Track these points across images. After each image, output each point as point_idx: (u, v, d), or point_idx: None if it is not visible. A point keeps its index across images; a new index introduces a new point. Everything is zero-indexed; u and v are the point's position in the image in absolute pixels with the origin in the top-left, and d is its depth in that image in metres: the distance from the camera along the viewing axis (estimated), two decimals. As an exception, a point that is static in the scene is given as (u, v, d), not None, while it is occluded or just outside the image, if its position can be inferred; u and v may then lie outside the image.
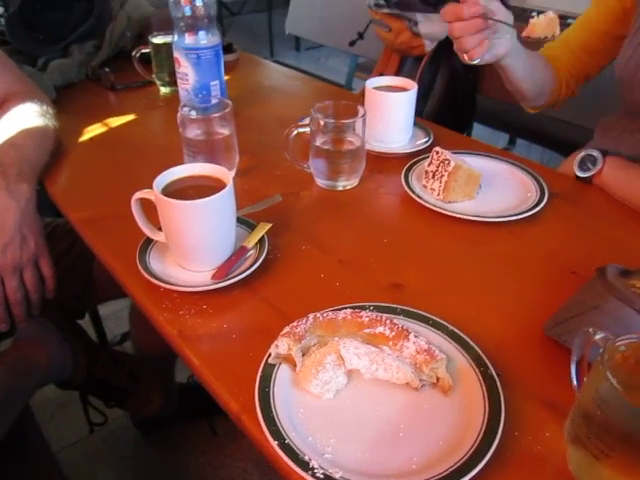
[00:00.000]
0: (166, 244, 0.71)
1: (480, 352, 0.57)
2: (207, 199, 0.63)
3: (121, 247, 0.76)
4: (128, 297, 1.30)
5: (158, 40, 1.27)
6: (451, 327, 0.60)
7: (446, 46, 1.54)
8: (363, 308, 0.62)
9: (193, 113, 0.92)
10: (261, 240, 0.73)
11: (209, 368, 0.58)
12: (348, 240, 0.79)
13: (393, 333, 0.56)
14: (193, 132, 0.90)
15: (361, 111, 0.86)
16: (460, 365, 0.56)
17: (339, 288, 0.69)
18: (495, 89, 1.61)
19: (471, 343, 0.58)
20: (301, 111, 1.15)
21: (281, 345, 0.55)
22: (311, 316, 0.57)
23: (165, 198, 0.63)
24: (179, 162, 1.02)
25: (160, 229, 0.72)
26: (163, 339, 0.68)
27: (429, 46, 1.50)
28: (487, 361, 0.56)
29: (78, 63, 1.35)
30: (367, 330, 0.57)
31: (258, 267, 0.69)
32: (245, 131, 1.11)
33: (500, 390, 0.53)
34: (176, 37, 1.06)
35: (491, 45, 0.87)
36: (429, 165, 0.87)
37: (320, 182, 0.91)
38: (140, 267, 0.68)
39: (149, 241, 0.73)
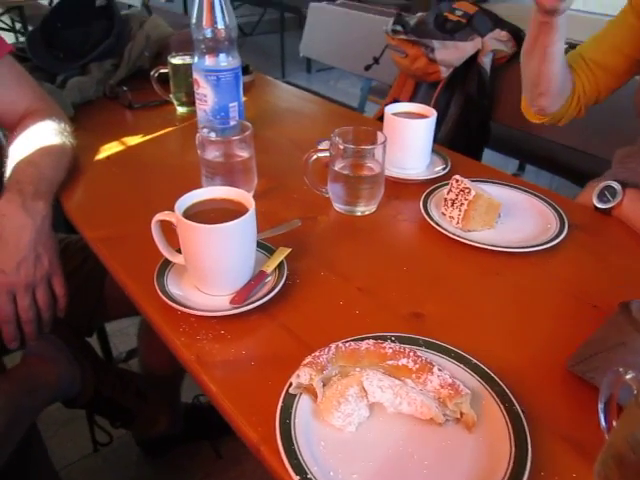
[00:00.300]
0: (184, 266, 0.71)
1: (505, 387, 0.56)
2: (230, 224, 0.62)
3: (137, 268, 0.76)
4: (139, 315, 1.30)
5: (177, 61, 1.28)
6: (474, 360, 0.59)
7: (461, 73, 1.55)
8: (385, 338, 0.61)
9: (212, 135, 0.92)
10: (280, 265, 0.72)
11: (227, 396, 0.57)
12: (367, 267, 0.78)
13: (417, 366, 0.55)
14: (212, 154, 0.90)
15: (382, 137, 0.86)
16: (484, 400, 0.55)
17: (359, 316, 0.68)
18: (508, 116, 1.62)
19: (495, 378, 0.57)
20: (318, 134, 1.16)
21: (303, 375, 0.54)
22: (333, 346, 0.56)
23: (187, 221, 0.63)
24: (195, 182, 1.03)
25: (178, 251, 0.72)
26: (171, 359, 0.67)
27: (445, 72, 1.51)
28: (512, 397, 0.55)
29: (96, 81, 1.36)
30: (390, 362, 0.56)
31: (277, 293, 0.68)
32: (262, 153, 1.11)
33: (526, 428, 0.52)
34: (196, 58, 1.07)
35: None
36: (448, 193, 0.87)
37: (338, 207, 0.90)
38: (158, 289, 0.68)
39: (167, 263, 0.73)
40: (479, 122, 1.60)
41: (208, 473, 1.53)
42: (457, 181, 0.85)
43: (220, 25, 1.02)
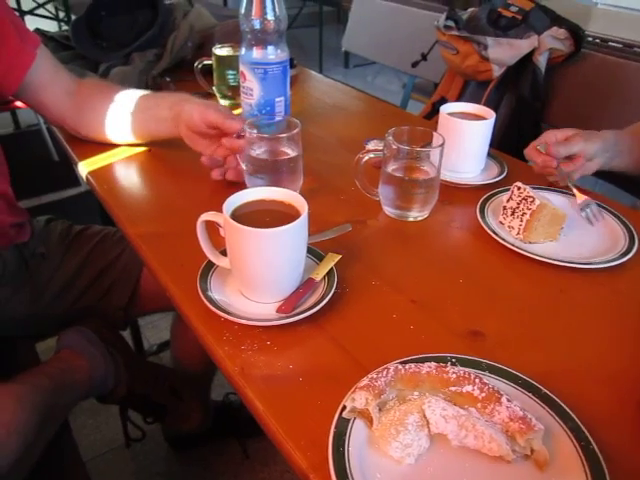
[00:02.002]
0: (229, 270, 0.67)
1: (579, 423, 0.51)
2: (282, 228, 0.58)
3: (179, 268, 0.72)
4: (174, 311, 1.27)
5: (221, 52, 1.25)
6: (544, 390, 0.54)
7: (514, 72, 1.48)
8: (444, 360, 0.56)
9: (254, 131, 0.88)
10: (330, 272, 0.68)
11: (274, 415, 0.53)
12: (420, 277, 0.73)
13: (483, 394, 0.50)
14: (258, 150, 0.86)
15: (439, 139, 0.81)
16: (556, 436, 0.50)
17: (413, 332, 0.64)
18: (562, 118, 1.54)
19: (568, 411, 0.52)
20: (365, 133, 1.11)
21: (358, 399, 0.49)
22: (392, 368, 0.52)
23: (236, 224, 0.59)
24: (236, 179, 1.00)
25: (223, 253, 0.68)
26: (204, 356, 0.64)
27: (497, 71, 1.44)
28: (588, 434, 0.50)
29: (139, 71, 1.34)
30: (453, 388, 0.51)
31: (327, 303, 0.64)
32: (308, 151, 1.06)
33: (606, 471, 0.47)
34: (243, 50, 1.03)
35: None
36: (508, 201, 0.81)
37: (389, 211, 0.85)
38: (201, 294, 0.64)
39: (210, 264, 0.69)
40: (531, 124, 1.52)
41: (236, 473, 1.51)
42: (519, 188, 0.80)
43: (270, 16, 0.98)
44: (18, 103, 2.44)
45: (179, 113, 0.93)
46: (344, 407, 0.51)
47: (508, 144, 1.49)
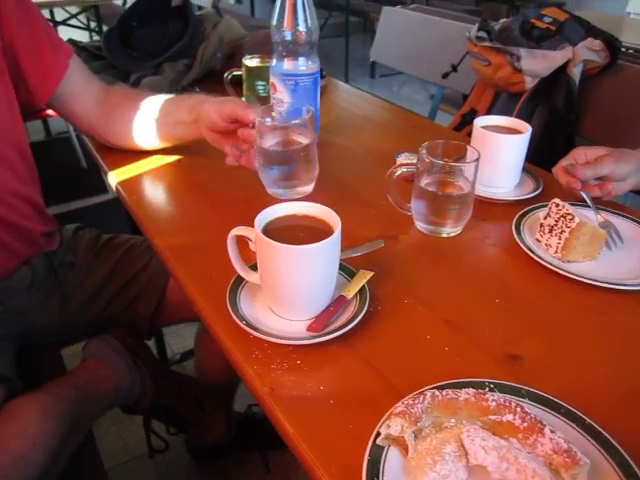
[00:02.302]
0: (258, 286, 0.65)
1: (627, 457, 0.48)
2: (315, 245, 0.57)
3: (208, 283, 0.71)
4: (199, 321, 1.27)
5: (251, 63, 1.24)
6: (588, 420, 0.51)
7: (547, 84, 1.45)
8: (482, 386, 0.54)
9: (269, 120, 0.87)
10: (361, 290, 0.66)
11: (304, 439, 0.51)
12: (454, 296, 0.71)
13: (525, 424, 0.48)
14: (270, 141, 0.85)
15: (474, 154, 0.79)
16: (603, 471, 0.47)
17: (448, 354, 0.61)
18: (596, 131, 1.50)
19: (615, 444, 0.49)
20: (395, 145, 1.09)
21: (393, 426, 0.47)
22: (429, 394, 0.50)
23: (268, 240, 0.57)
24: (265, 190, 0.99)
25: (252, 267, 0.67)
26: (228, 367, 0.62)
27: (530, 83, 1.41)
28: (637, 470, 0.47)
29: (169, 81, 1.34)
30: (492, 417, 0.49)
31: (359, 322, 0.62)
32: (338, 163, 1.06)
33: (658, 512, 0.44)
34: (274, 61, 1.02)
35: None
36: (546, 218, 0.78)
37: (420, 226, 0.83)
38: (231, 311, 0.63)
39: (240, 280, 0.68)
40: (563, 137, 1.49)
41: (257, 487, 1.49)
42: (557, 205, 0.77)
43: (302, 27, 0.97)
44: (50, 111, 2.50)
45: (199, 114, 0.94)
46: (378, 433, 0.49)
47: (540, 157, 1.46)
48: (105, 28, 3.33)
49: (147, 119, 1.00)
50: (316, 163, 0.89)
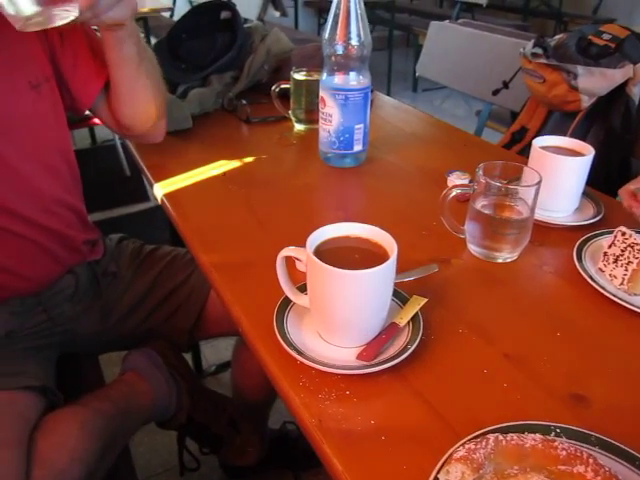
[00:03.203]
0: (306, 308, 0.63)
1: None
2: (371, 270, 0.54)
3: (253, 302, 0.69)
4: (238, 335, 1.25)
5: (300, 76, 1.23)
6: (668, 476, 0.46)
7: (604, 103, 1.39)
8: (548, 430, 0.49)
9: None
10: (414, 317, 0.63)
11: (355, 479, 0.48)
12: (512, 327, 0.67)
13: (598, 478, 0.44)
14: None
15: (533, 177, 0.75)
16: (686, 535, 0.43)
17: (508, 392, 0.57)
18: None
19: (701, 506, 0.44)
20: (446, 163, 1.06)
21: (454, 472, 0.44)
22: (492, 438, 0.46)
23: (322, 264, 0.55)
24: (314, 208, 0.96)
25: (300, 288, 0.64)
26: (265, 383, 0.60)
27: (586, 102, 1.35)
28: None
29: (216, 93, 1.34)
30: (562, 467, 0.45)
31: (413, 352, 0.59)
32: (387, 181, 1.03)
33: None
34: (324, 75, 1.00)
35: None
36: (610, 247, 0.74)
37: (474, 250, 0.80)
38: (278, 335, 0.60)
39: (287, 302, 0.65)
40: (619, 158, 1.42)
41: (290, 509, 1.46)
42: (623, 234, 0.72)
43: (354, 41, 0.96)
44: (96, 120, 2.56)
45: None
46: (436, 478, 0.45)
47: (595, 180, 1.40)
48: (153, 39, 3.39)
49: None
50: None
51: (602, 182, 1.39)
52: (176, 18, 1.66)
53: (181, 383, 1.06)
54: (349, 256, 0.59)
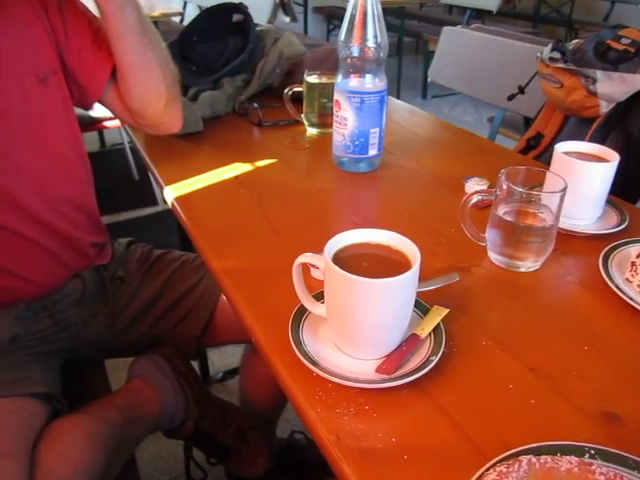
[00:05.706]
0: (322, 317, 0.60)
1: None
2: (394, 279, 0.51)
3: (266, 310, 0.67)
4: (247, 343, 1.22)
5: (313, 79, 1.21)
6: None
7: (623, 109, 1.36)
8: (582, 451, 0.46)
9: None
10: (436, 329, 0.60)
11: (377, 501, 0.45)
12: (537, 340, 0.64)
13: (640, 505, 0.41)
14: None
15: (560, 184, 0.72)
16: None
17: (535, 409, 0.54)
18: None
19: None
20: (462, 168, 1.03)
21: (484, 497, 0.41)
22: (525, 461, 0.43)
23: (341, 271, 0.52)
24: (329, 213, 0.94)
25: (316, 296, 0.62)
26: (275, 392, 0.57)
27: (605, 107, 1.32)
28: None
29: (227, 96, 1.32)
30: (600, 493, 0.42)
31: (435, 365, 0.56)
32: (404, 187, 1.00)
33: None
34: (339, 78, 0.98)
35: None
36: (638, 256, 0.71)
37: (495, 258, 0.77)
38: (294, 345, 0.58)
39: (302, 310, 0.63)
40: (638, 165, 1.39)
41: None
42: (653, 243, 0.69)
43: (371, 43, 0.93)
44: (106, 123, 2.55)
45: None
46: (465, 503, 0.42)
47: (613, 186, 1.37)
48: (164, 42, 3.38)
49: None
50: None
51: (620, 189, 1.36)
52: (186, 23, 1.65)
53: (188, 391, 1.03)
54: (370, 264, 0.56)
